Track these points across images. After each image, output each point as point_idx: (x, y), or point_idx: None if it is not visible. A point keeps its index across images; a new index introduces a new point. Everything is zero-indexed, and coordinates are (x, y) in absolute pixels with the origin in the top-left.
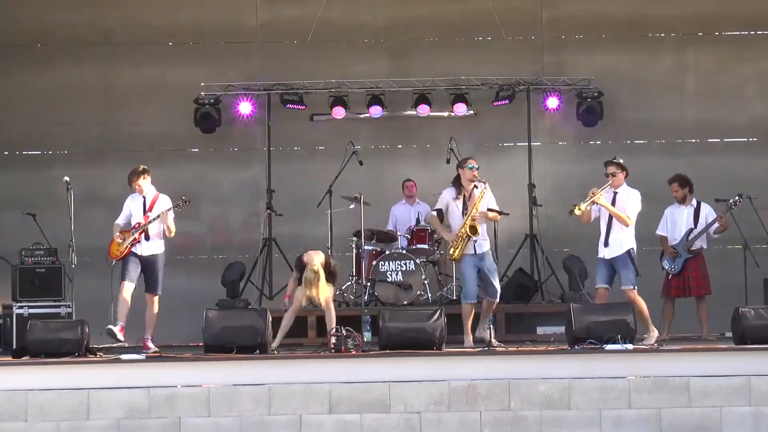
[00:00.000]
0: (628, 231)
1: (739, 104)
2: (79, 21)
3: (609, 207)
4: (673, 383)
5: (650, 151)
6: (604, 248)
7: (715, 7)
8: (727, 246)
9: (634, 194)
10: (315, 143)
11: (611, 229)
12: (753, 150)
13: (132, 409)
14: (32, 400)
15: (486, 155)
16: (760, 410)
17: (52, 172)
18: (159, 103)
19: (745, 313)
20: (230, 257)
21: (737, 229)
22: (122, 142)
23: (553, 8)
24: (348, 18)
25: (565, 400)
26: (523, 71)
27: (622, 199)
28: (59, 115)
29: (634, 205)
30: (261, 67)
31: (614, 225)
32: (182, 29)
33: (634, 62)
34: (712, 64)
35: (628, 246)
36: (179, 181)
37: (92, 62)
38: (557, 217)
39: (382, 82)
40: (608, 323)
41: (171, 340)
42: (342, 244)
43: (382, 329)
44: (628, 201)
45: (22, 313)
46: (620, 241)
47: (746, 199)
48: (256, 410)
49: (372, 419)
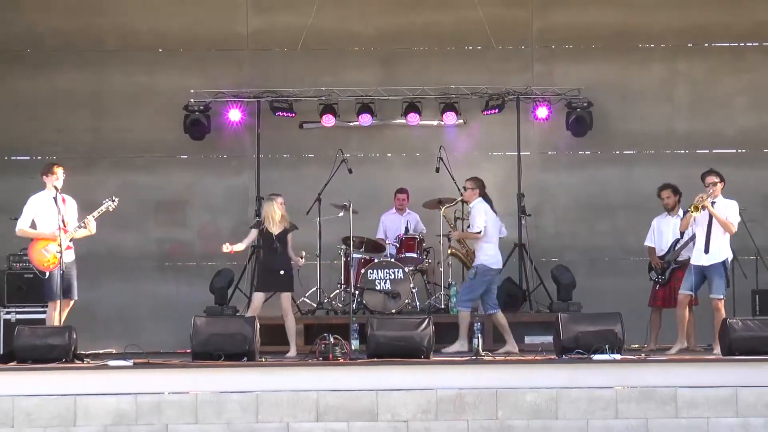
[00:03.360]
0: (726, 240)
1: (728, 115)
2: (71, 27)
3: (716, 214)
4: (660, 394)
5: (639, 161)
6: (703, 255)
7: (706, 19)
8: None
9: (733, 204)
10: (304, 151)
11: (710, 236)
12: (742, 161)
13: (119, 416)
14: (19, 406)
15: (475, 164)
16: (748, 421)
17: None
18: (149, 109)
19: (733, 324)
20: (219, 264)
21: None
22: (112, 148)
23: (544, 18)
24: (339, 26)
25: (552, 410)
26: (513, 81)
27: (721, 208)
28: (50, 121)
29: (735, 213)
30: (251, 74)
31: (714, 233)
32: (173, 36)
33: (623, 73)
34: (702, 75)
35: (726, 255)
36: (169, 187)
37: (83, 68)
38: (546, 227)
39: (372, 91)
40: (596, 333)
41: (158, 347)
42: (331, 252)
43: (370, 337)
44: (729, 210)
45: (10, 319)
46: (720, 249)
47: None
48: (244, 417)
49: (359, 427)
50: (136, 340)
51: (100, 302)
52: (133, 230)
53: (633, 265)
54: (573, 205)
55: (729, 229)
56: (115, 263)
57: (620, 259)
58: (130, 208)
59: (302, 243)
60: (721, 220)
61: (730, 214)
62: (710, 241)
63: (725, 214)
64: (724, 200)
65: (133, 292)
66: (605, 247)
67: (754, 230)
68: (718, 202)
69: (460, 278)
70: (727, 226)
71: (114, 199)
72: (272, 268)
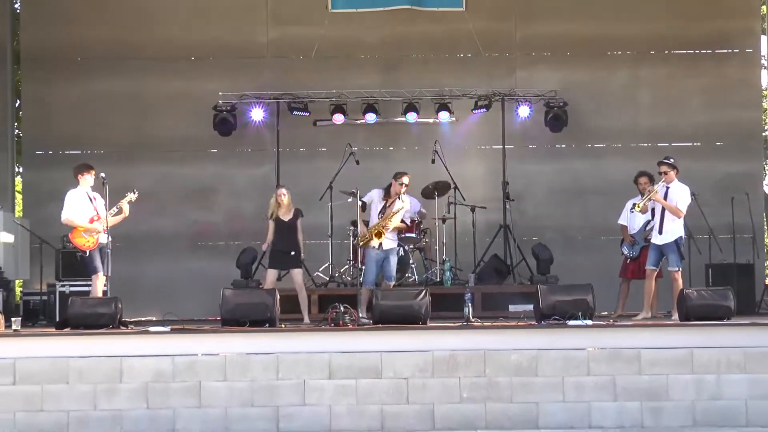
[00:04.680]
0: (678, 221)
1: (685, 114)
2: (115, 39)
3: (663, 201)
4: (626, 354)
5: (608, 153)
6: (658, 235)
7: (665, 29)
8: None
9: (684, 189)
10: (318, 145)
11: (664, 220)
12: (697, 153)
13: (158, 374)
14: (73, 366)
15: (465, 156)
16: (701, 377)
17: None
18: (183, 110)
19: (689, 294)
20: (244, 243)
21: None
22: (150, 144)
23: (525, 29)
24: (347, 36)
25: (533, 368)
26: (499, 84)
27: (673, 193)
28: (97, 120)
29: (685, 198)
30: (271, 79)
31: (666, 217)
32: (203, 46)
33: (594, 77)
34: (661, 78)
35: (678, 234)
36: (200, 177)
37: (126, 75)
38: (527, 210)
39: (376, 93)
40: (571, 302)
41: (192, 315)
42: (340, 233)
43: (375, 306)
44: (679, 195)
45: (64, 291)
46: (672, 230)
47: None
48: (266, 375)
49: (366, 384)
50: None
51: (142, 276)
52: (170, 214)
53: (602, 243)
54: (550, 192)
55: (677, 214)
56: (154, 243)
57: (591, 237)
58: (166, 195)
59: (316, 224)
60: (670, 207)
61: (680, 199)
62: (663, 224)
63: (676, 199)
64: (678, 185)
65: (170, 267)
66: (578, 228)
67: (707, 212)
68: (672, 187)
69: (453, 255)
70: (675, 211)
71: (135, 192)
72: (283, 249)
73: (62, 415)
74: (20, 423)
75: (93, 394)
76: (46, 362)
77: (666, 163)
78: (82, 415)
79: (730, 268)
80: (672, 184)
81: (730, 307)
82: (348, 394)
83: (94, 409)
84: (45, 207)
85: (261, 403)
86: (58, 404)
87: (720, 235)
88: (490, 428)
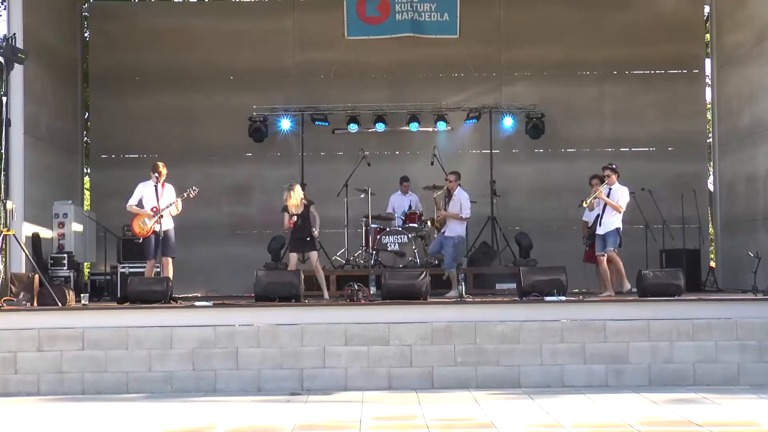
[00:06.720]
0: (617, 216)
1: (642, 124)
2: (167, 61)
3: (606, 199)
4: (594, 325)
5: (579, 157)
6: (599, 227)
7: (626, 53)
8: (633, 226)
9: (624, 190)
10: (336, 150)
11: (604, 214)
12: (653, 157)
13: (202, 341)
14: (132, 335)
15: (459, 160)
16: (656, 344)
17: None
18: (223, 120)
19: (646, 274)
20: (274, 232)
21: (640, 213)
22: (196, 148)
23: (509, 54)
24: (360, 59)
25: (516, 337)
26: (487, 99)
27: (615, 193)
28: (152, 129)
29: (624, 197)
30: (296, 94)
31: (606, 211)
32: (240, 67)
33: (567, 93)
34: (623, 94)
35: (615, 225)
36: (237, 177)
37: (175, 91)
38: (511, 204)
39: (384, 106)
40: (548, 281)
41: (231, 292)
42: (355, 223)
43: (383, 285)
44: (620, 194)
45: (125, 272)
46: (610, 222)
47: (647, 192)
48: (292, 343)
49: (376, 350)
50: (215, 287)
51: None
52: (213, 207)
53: (574, 232)
54: (530, 189)
55: (617, 209)
56: (200, 231)
57: (564, 227)
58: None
59: (334, 216)
60: (611, 204)
61: (620, 198)
62: (603, 217)
63: (617, 197)
64: (618, 186)
65: (213, 252)
66: (554, 219)
67: (661, 206)
68: (614, 188)
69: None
70: (616, 207)
71: (195, 189)
72: (300, 236)
73: (122, 375)
74: (88, 381)
75: (148, 358)
76: (110, 331)
77: (609, 168)
78: (140, 375)
79: (680, 252)
80: (614, 186)
81: (680, 285)
82: (361, 358)
83: (149, 370)
84: (108, 202)
85: (288, 366)
86: (119, 366)
87: (672, 225)
88: (480, 387)
